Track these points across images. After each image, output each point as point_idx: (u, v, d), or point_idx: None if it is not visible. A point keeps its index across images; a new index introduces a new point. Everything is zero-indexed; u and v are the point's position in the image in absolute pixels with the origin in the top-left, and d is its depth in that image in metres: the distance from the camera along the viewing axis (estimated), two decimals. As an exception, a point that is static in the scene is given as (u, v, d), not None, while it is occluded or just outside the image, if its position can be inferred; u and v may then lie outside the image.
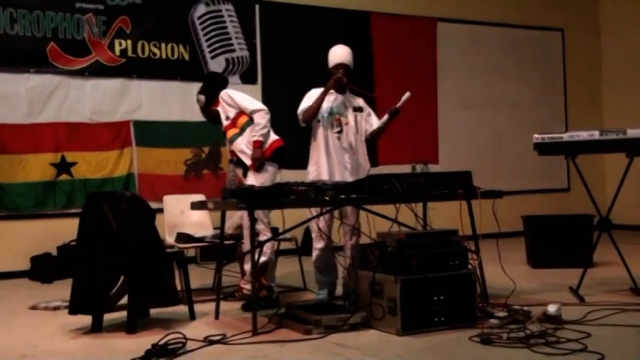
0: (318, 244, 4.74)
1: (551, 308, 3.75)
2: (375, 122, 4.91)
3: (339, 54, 4.86)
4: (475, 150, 9.40)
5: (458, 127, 9.42)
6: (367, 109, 4.94)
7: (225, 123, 5.00)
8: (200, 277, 6.04)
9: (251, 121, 4.87)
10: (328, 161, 4.73)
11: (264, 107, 4.92)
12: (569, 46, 10.42)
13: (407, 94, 4.77)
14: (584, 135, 4.50)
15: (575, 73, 10.43)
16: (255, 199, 3.86)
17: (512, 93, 9.88)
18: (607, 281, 5.09)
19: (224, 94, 4.99)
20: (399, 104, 4.77)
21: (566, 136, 4.54)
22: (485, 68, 9.71)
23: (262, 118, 4.84)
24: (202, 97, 5.14)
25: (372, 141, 4.98)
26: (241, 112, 4.92)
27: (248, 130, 4.87)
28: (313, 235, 4.78)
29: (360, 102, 4.92)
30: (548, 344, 3.26)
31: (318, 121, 4.78)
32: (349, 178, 4.62)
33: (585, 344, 3.22)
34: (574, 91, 10.42)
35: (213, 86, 5.16)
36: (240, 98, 4.97)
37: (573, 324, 3.67)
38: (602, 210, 4.75)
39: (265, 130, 4.84)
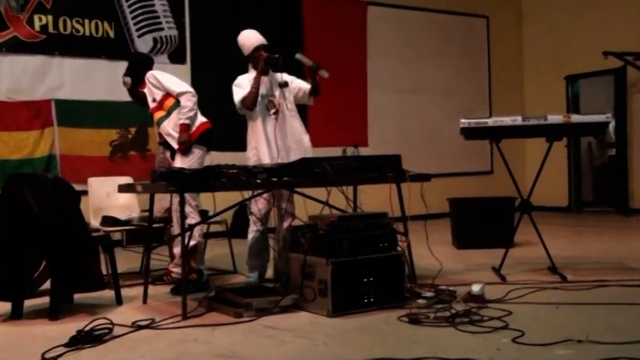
0: (254, 227, 4.72)
1: (475, 288, 3.87)
2: (303, 84, 4.89)
3: (254, 37, 4.82)
4: (403, 133, 9.56)
5: (387, 110, 9.56)
6: (290, 78, 4.91)
7: (151, 105, 4.89)
8: (126, 260, 5.92)
9: (178, 103, 4.78)
10: (269, 145, 4.69)
11: (190, 89, 4.83)
12: (494, 33, 10.72)
13: (298, 56, 4.79)
14: (507, 120, 4.63)
15: (498, 59, 10.75)
16: (186, 182, 3.80)
17: (439, 77, 10.09)
18: (527, 261, 5.30)
19: (150, 75, 4.87)
20: (309, 62, 4.77)
21: (490, 122, 4.67)
22: (414, 53, 9.87)
23: (189, 101, 4.75)
24: (128, 79, 5.00)
25: (316, 94, 4.89)
26: (168, 95, 4.82)
27: (175, 113, 4.78)
28: (251, 219, 4.76)
29: (283, 77, 4.88)
30: (472, 323, 3.37)
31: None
32: (294, 158, 4.61)
33: (507, 322, 3.35)
34: (497, 77, 10.75)
35: (138, 67, 5.02)
36: (167, 80, 4.86)
37: (496, 302, 3.80)
38: (523, 192, 4.93)
39: (192, 113, 4.76)
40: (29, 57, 7.15)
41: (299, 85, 4.90)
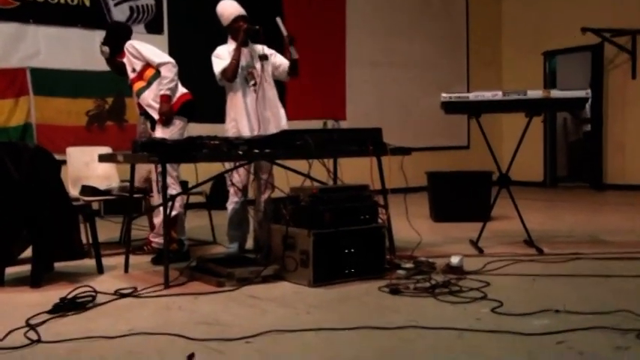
0: (234, 199, 4.73)
1: (454, 259, 3.94)
2: (283, 61, 4.86)
3: (233, 8, 4.77)
4: (381, 107, 9.59)
5: (365, 84, 9.56)
6: (271, 52, 4.88)
7: (131, 75, 4.83)
8: (104, 230, 5.88)
9: (158, 74, 4.73)
10: (248, 117, 4.69)
11: (171, 60, 4.78)
12: (472, 7, 10.73)
13: (278, 20, 4.76)
14: (488, 95, 4.67)
15: (477, 34, 10.79)
16: (168, 153, 3.79)
17: (417, 52, 10.10)
18: (504, 234, 5.39)
19: (129, 45, 4.81)
20: (284, 32, 4.72)
21: (471, 96, 4.70)
22: (393, 26, 9.85)
23: (169, 72, 4.70)
24: (106, 49, 4.92)
25: (294, 75, 4.89)
26: (148, 65, 4.77)
27: (155, 84, 4.73)
28: (230, 190, 4.76)
29: (264, 49, 4.86)
30: (451, 293, 3.43)
31: None
32: (273, 130, 4.62)
33: (485, 292, 3.41)
34: (475, 52, 10.79)
35: (117, 37, 4.95)
36: (147, 50, 4.80)
37: (474, 274, 3.88)
38: (500, 166, 4.98)
39: (173, 84, 4.71)
40: (3, 24, 7.02)
41: (279, 61, 4.87)
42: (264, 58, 4.81)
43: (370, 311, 3.20)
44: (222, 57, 4.69)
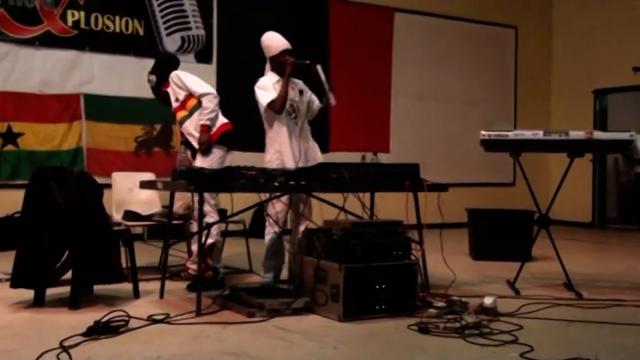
0: (272, 229, 4.77)
1: (488, 300, 3.87)
2: (315, 99, 4.93)
3: (281, 40, 4.83)
4: (425, 141, 9.56)
5: (410, 117, 9.56)
6: (307, 90, 4.95)
7: (174, 105, 4.98)
8: (146, 255, 6.01)
9: (200, 104, 4.86)
10: (292, 149, 4.73)
11: (212, 91, 4.90)
12: (522, 43, 10.66)
13: (318, 67, 4.73)
14: (528, 134, 4.62)
15: (526, 70, 10.69)
16: (205, 182, 3.87)
17: (464, 87, 10.06)
18: (543, 276, 5.27)
19: (174, 75, 4.96)
20: (324, 79, 4.72)
21: (511, 135, 4.65)
22: (440, 61, 9.86)
23: (210, 102, 4.82)
24: (153, 78, 5.09)
25: (320, 117, 4.98)
26: (191, 95, 4.91)
27: (197, 114, 4.86)
28: (267, 220, 4.81)
29: (301, 84, 4.93)
30: (481, 335, 3.37)
31: None
32: (312, 161, 4.68)
33: (517, 336, 3.35)
34: (524, 89, 10.68)
35: (164, 66, 5.12)
36: (190, 81, 4.94)
37: (507, 316, 3.80)
38: (545, 205, 4.90)
39: (213, 115, 4.83)
40: (61, 51, 7.31)
41: (313, 99, 4.94)
42: (301, 92, 4.87)
43: (397, 350, 3.17)
44: (266, 88, 4.76)
